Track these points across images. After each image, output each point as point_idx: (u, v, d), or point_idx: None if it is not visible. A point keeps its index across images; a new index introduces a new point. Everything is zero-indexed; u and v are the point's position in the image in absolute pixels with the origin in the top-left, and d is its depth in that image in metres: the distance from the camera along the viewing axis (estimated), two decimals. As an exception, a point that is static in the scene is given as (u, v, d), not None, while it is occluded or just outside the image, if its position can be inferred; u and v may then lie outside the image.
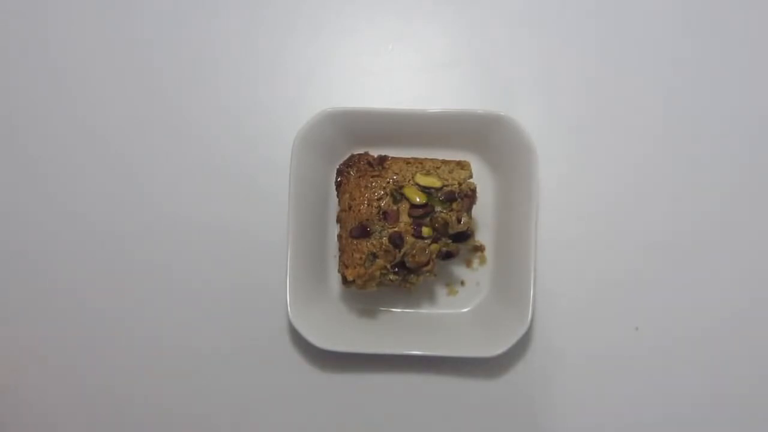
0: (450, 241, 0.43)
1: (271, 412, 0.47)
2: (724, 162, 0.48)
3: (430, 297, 0.47)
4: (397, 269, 0.43)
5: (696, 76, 0.49)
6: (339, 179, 0.45)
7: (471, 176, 0.44)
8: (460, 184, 0.43)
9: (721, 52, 0.49)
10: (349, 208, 0.44)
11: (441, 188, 0.43)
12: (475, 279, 0.47)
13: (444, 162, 0.44)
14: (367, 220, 0.43)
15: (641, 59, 0.49)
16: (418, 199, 0.43)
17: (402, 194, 0.43)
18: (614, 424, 0.46)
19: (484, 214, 0.47)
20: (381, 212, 0.43)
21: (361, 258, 0.43)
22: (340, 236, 0.44)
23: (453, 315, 0.47)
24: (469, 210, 0.44)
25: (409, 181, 0.43)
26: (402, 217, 0.43)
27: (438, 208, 0.43)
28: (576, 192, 0.48)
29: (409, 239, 0.42)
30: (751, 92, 0.48)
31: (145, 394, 0.47)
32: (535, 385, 0.46)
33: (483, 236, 0.47)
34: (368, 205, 0.43)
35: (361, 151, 0.45)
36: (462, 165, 0.44)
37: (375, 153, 0.45)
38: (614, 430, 0.46)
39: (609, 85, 0.48)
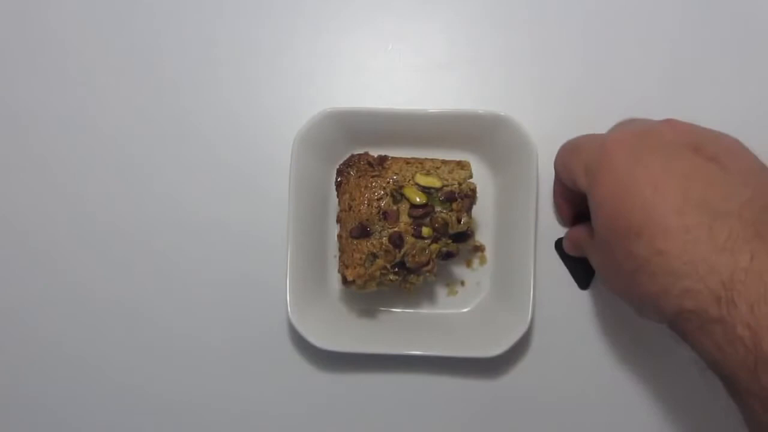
0: (450, 241, 0.43)
1: (270, 412, 0.47)
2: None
3: (430, 297, 0.47)
4: (397, 269, 0.43)
5: (697, 75, 0.48)
6: (339, 179, 0.45)
7: (471, 176, 0.44)
8: (460, 184, 0.43)
9: (722, 53, 0.49)
10: (349, 208, 0.44)
11: (441, 188, 0.43)
12: (475, 279, 0.47)
13: (444, 162, 0.44)
14: (367, 220, 0.43)
15: (642, 59, 0.49)
16: (418, 199, 0.43)
17: (402, 194, 0.43)
18: (615, 424, 0.46)
19: (484, 214, 0.47)
20: (381, 212, 0.43)
21: (361, 258, 0.43)
22: (340, 236, 0.44)
23: (453, 315, 0.47)
24: (469, 210, 0.44)
25: (409, 181, 0.43)
26: (402, 217, 0.43)
27: (438, 208, 0.43)
28: (576, 192, 0.48)
29: (409, 239, 0.42)
30: (752, 95, 0.48)
31: (143, 394, 0.47)
32: (535, 385, 0.46)
33: (483, 236, 0.47)
34: (368, 205, 0.43)
35: (361, 151, 0.45)
36: (462, 165, 0.44)
37: (375, 153, 0.45)
38: (615, 430, 0.46)
39: (609, 85, 0.48)
